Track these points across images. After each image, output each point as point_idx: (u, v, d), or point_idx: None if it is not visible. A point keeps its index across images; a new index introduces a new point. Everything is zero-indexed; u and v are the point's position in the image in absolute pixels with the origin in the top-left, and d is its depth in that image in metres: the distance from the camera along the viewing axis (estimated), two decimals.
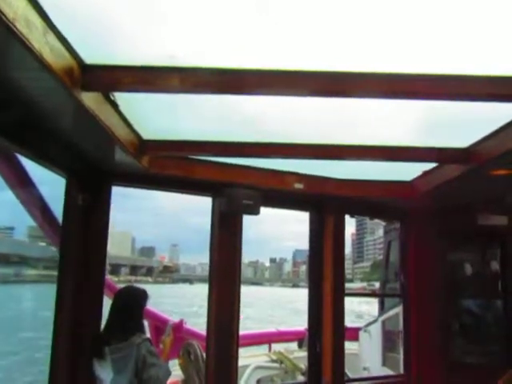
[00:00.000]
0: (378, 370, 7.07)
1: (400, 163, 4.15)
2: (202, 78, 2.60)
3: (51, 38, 2.00)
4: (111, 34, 2.39)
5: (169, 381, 3.66)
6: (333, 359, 5.01)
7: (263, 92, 2.76)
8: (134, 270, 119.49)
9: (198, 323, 7.91)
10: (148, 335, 3.86)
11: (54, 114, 2.78)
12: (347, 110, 3.28)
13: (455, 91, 2.58)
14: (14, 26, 1.68)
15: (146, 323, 4.23)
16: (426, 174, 4.50)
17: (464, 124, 3.33)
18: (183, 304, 35.97)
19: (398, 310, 6.18)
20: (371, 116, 3.43)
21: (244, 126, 3.64)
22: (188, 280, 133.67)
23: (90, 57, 2.44)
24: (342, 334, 5.21)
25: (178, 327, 6.86)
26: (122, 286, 4.40)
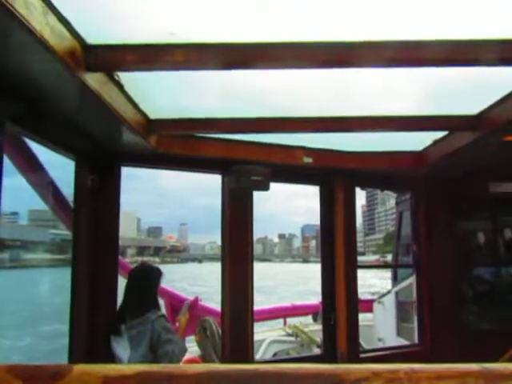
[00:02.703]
0: (392, 340, 7.13)
1: (409, 133, 4.10)
2: (206, 53, 2.57)
3: (51, 18, 1.98)
4: (112, 13, 2.36)
5: (186, 357, 3.71)
6: (347, 331, 5.04)
7: (269, 66, 2.73)
8: (141, 250, 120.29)
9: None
10: (164, 312, 3.91)
11: (59, 97, 2.78)
12: (354, 81, 3.24)
13: (464, 56, 2.53)
14: (13, 7, 1.66)
15: (161, 301, 4.27)
16: (436, 143, 4.46)
17: (473, 91, 3.28)
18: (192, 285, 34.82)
19: (411, 280, 6.19)
20: (379, 87, 3.38)
21: (250, 101, 3.61)
22: (197, 259, 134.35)
23: (92, 37, 2.42)
24: (356, 306, 5.23)
25: (194, 304, 6.94)
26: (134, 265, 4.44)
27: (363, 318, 9.02)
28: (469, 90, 3.27)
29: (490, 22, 2.42)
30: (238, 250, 4.66)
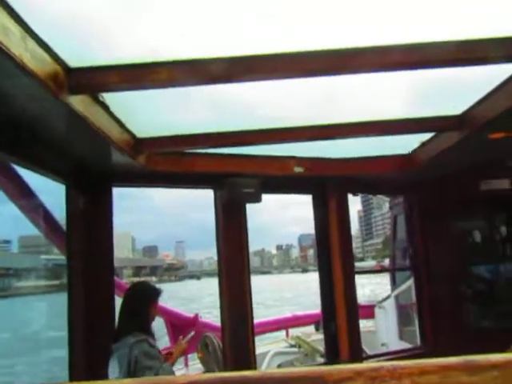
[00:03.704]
0: (395, 344, 7.09)
1: (397, 136, 4.13)
2: (190, 70, 2.59)
3: (31, 43, 2.00)
4: (93, 35, 2.38)
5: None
6: (349, 338, 5.03)
7: (253, 78, 2.75)
8: (137, 270, 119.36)
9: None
10: (165, 331, 3.82)
11: (45, 121, 2.78)
12: (340, 88, 3.27)
13: (436, 58, 2.56)
14: None
15: (160, 320, 4.22)
16: (424, 144, 4.48)
17: (455, 91, 3.32)
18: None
19: (410, 283, 6.19)
20: (364, 92, 3.41)
21: (238, 114, 3.63)
22: (195, 276, 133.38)
23: (74, 60, 2.43)
24: (356, 312, 5.22)
25: (194, 321, 6.90)
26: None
27: (366, 323, 9.04)
28: (451, 91, 3.31)
29: (447, 25, 2.46)
30: (234, 263, 4.65)
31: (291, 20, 2.42)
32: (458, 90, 3.30)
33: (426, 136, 4.32)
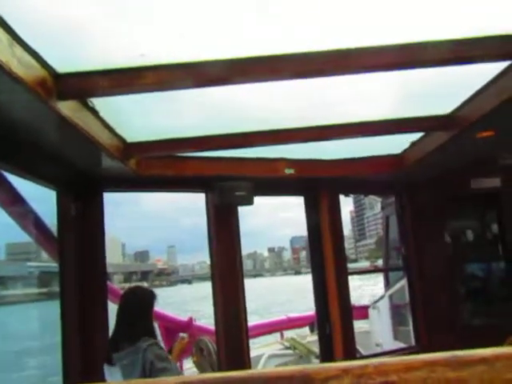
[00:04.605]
0: (390, 344, 7.11)
1: (388, 137, 4.15)
2: (179, 73, 2.59)
3: (18, 49, 1.99)
4: (81, 40, 2.38)
5: None
6: (343, 339, 5.04)
7: (241, 80, 2.75)
8: (128, 276, 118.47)
9: None
10: (159, 337, 3.80)
11: (34, 127, 2.77)
12: (330, 89, 3.27)
13: (425, 58, 2.58)
14: None
15: (155, 324, 4.20)
16: (413, 144, 4.51)
17: (444, 91, 3.34)
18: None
19: (403, 282, 6.21)
20: (354, 94, 3.42)
21: (227, 116, 3.63)
22: (187, 280, 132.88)
23: (62, 65, 2.42)
24: (350, 312, 5.24)
25: (188, 325, 6.88)
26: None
27: (362, 324, 9.05)
28: (440, 91, 3.33)
29: (439, 24, 2.48)
30: (227, 266, 4.65)
31: (288, 21, 2.42)
32: (446, 90, 3.32)
33: (416, 136, 4.34)
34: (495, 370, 0.55)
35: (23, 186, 3.54)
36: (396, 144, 4.63)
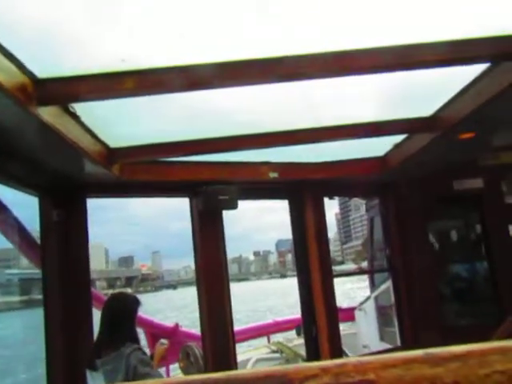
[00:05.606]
0: (376, 345, 7.14)
1: (370, 139, 4.17)
2: (159, 77, 2.59)
3: None
4: (61, 45, 2.37)
5: None
6: (329, 341, 5.04)
7: (224, 84, 2.76)
8: (111, 282, 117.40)
9: None
10: (145, 343, 3.78)
11: (15, 134, 2.75)
12: (312, 93, 3.28)
13: (407, 61, 2.61)
14: None
15: (140, 331, 4.19)
16: (396, 146, 4.55)
17: (426, 93, 3.37)
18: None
19: (389, 284, 6.25)
20: (337, 96, 3.45)
21: (210, 120, 3.63)
22: (171, 285, 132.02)
23: (43, 70, 2.41)
24: (336, 315, 5.25)
25: (174, 331, 6.85)
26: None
27: (348, 326, 9.09)
28: (421, 93, 3.37)
29: (424, 27, 2.51)
30: (212, 271, 4.63)
31: (287, 23, 2.43)
32: (428, 92, 3.36)
33: (399, 138, 4.38)
34: (469, 367, 0.55)
35: (4, 191, 3.50)
36: (379, 146, 4.66)
